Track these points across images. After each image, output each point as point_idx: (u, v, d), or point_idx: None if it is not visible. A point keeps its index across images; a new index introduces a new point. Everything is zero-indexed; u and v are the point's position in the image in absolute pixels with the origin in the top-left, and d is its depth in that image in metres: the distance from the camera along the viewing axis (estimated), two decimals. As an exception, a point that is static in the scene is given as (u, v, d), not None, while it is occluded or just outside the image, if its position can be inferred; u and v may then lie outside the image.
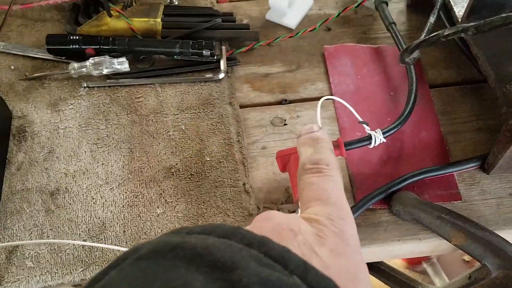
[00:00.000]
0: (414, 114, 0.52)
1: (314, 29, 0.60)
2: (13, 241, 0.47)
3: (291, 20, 0.63)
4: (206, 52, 0.57)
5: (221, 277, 0.20)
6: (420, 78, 0.57)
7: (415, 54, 0.49)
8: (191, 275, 0.20)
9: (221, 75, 0.57)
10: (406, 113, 0.50)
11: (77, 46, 0.57)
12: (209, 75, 0.58)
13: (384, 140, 0.47)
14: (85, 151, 0.53)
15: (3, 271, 0.45)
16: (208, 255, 0.21)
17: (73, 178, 0.51)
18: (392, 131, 0.48)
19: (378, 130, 0.47)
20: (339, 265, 0.26)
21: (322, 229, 0.28)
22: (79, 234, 0.48)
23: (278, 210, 0.49)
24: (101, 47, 0.57)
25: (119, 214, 0.49)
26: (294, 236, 0.27)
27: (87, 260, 0.46)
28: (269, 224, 0.28)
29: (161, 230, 0.47)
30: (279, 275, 0.21)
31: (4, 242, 0.47)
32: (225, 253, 0.21)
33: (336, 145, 0.46)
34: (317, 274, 0.22)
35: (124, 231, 0.48)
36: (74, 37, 0.57)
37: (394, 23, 0.58)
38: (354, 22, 0.64)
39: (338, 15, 0.60)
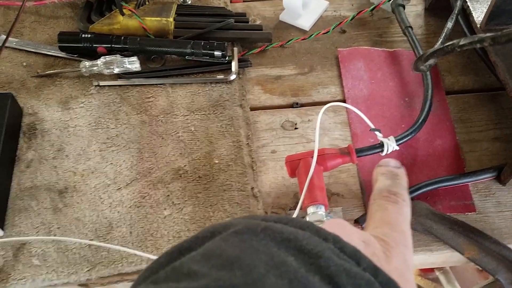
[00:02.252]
0: (429, 121, 0.50)
1: (328, 32, 0.59)
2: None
3: (305, 21, 0.62)
4: (217, 53, 0.56)
5: (309, 261, 0.22)
6: (436, 84, 0.55)
7: (431, 61, 0.48)
8: (283, 254, 0.22)
9: (232, 77, 0.56)
10: (420, 120, 0.49)
11: (88, 44, 0.57)
12: (220, 76, 0.57)
13: (397, 148, 0.46)
14: (94, 150, 0.52)
15: (9, 268, 0.45)
16: (295, 241, 0.23)
17: (81, 177, 0.51)
18: (405, 139, 0.47)
19: (391, 138, 0.46)
20: (402, 284, 0.28)
21: (389, 249, 0.30)
22: (86, 233, 0.47)
23: (287, 215, 0.48)
24: (113, 46, 0.57)
25: (126, 214, 0.48)
26: (365, 246, 0.29)
27: (93, 260, 0.46)
28: (341, 231, 0.29)
29: (168, 232, 0.47)
30: (357, 269, 0.22)
31: (11, 238, 0.47)
32: (309, 241, 0.23)
33: (347, 151, 0.45)
34: (385, 276, 0.23)
35: (130, 232, 0.47)
36: (86, 35, 0.57)
37: (411, 27, 0.57)
38: (370, 24, 0.63)
39: (353, 18, 0.59)
